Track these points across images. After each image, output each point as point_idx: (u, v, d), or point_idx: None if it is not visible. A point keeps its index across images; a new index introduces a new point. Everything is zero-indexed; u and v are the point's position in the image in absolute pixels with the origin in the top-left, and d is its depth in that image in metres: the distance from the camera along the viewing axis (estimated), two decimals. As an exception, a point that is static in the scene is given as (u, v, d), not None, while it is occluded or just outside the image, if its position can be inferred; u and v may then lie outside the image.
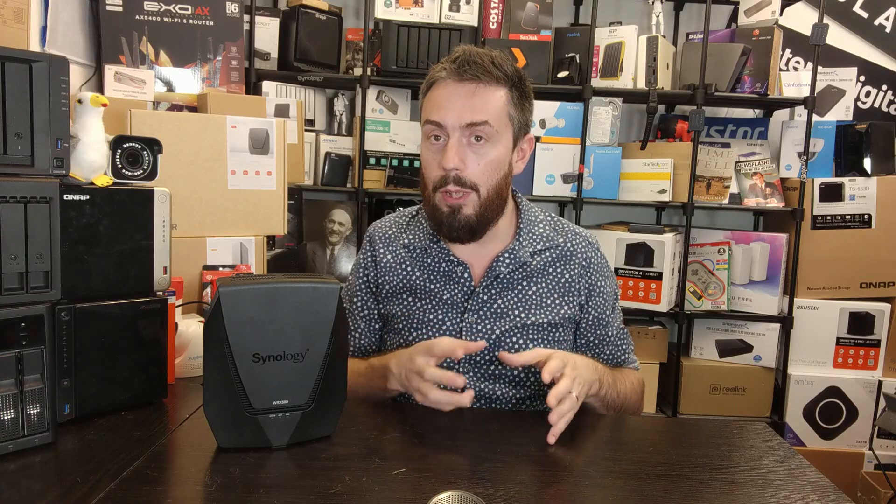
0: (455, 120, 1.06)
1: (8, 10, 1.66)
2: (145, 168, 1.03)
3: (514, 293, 1.14)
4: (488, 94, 1.07)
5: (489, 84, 1.07)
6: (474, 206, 1.08)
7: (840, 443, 2.45)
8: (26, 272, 0.85)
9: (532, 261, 1.15)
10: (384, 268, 1.20)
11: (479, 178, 1.07)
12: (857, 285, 2.44)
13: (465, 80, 1.06)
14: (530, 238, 1.17)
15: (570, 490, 0.80)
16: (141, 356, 1.00)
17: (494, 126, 1.07)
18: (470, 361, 1.12)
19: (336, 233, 2.48)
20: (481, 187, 1.08)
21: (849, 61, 2.66)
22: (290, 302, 0.84)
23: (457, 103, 1.06)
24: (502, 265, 1.14)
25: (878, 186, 2.39)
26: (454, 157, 1.05)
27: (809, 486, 0.83)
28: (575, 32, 2.41)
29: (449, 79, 1.07)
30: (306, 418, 0.88)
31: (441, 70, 1.09)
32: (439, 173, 1.08)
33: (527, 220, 1.19)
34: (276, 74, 2.35)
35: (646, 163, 2.41)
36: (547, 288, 1.15)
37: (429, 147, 1.11)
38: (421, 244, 1.19)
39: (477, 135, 1.06)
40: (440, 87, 1.09)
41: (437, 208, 1.10)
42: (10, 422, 0.82)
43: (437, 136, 1.09)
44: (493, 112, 1.06)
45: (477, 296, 1.13)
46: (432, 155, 1.10)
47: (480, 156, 1.07)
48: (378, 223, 1.27)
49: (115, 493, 0.74)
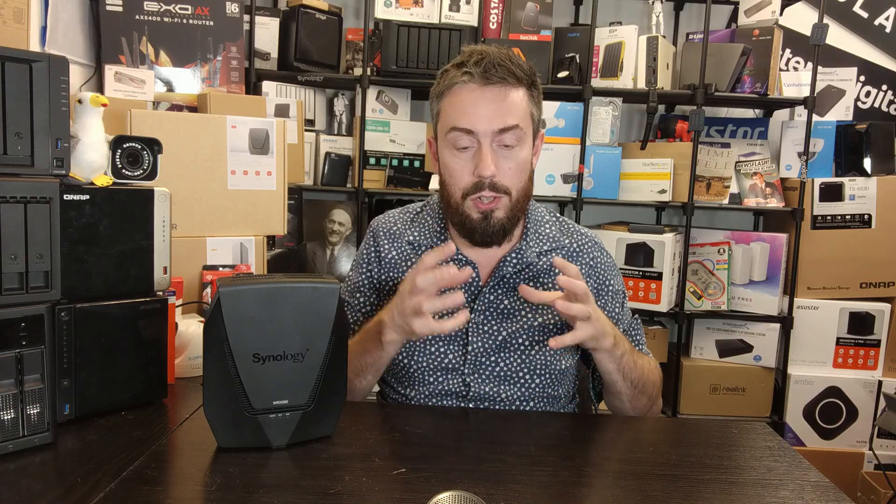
0: (486, 126, 1.03)
1: (8, 10, 1.66)
2: (145, 168, 1.03)
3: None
4: (514, 96, 1.05)
5: (514, 86, 1.05)
6: (506, 210, 1.07)
7: (840, 443, 2.45)
8: (26, 272, 0.85)
9: (538, 261, 1.15)
10: (389, 264, 1.19)
11: (511, 182, 1.06)
12: (857, 285, 2.44)
13: (492, 84, 1.03)
14: (537, 238, 1.16)
15: (570, 490, 0.80)
16: (141, 356, 1.00)
17: (523, 128, 1.05)
18: (474, 363, 1.11)
19: (336, 233, 2.48)
20: (513, 190, 1.07)
21: (849, 61, 2.66)
22: (290, 302, 0.84)
23: (487, 108, 1.03)
24: (509, 265, 1.13)
25: (878, 186, 2.39)
26: (490, 165, 1.03)
27: (809, 486, 0.83)
28: (575, 32, 2.41)
29: (473, 83, 1.04)
30: (306, 418, 0.88)
31: (463, 74, 1.05)
32: (472, 180, 1.06)
33: (534, 220, 1.18)
34: (276, 74, 2.35)
35: (646, 163, 2.41)
36: (553, 288, 1.13)
37: (456, 156, 1.07)
38: (428, 242, 1.17)
39: (506, 139, 1.05)
40: (463, 91, 1.05)
41: (468, 216, 1.08)
42: (10, 422, 0.82)
43: (464, 146, 1.06)
44: (520, 114, 1.05)
45: (484, 296, 1.13)
46: (462, 164, 1.06)
47: (510, 159, 1.06)
48: (381, 218, 1.25)
49: (115, 493, 0.74)
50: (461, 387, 1.11)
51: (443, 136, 1.09)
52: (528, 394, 1.12)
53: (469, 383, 1.11)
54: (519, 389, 1.12)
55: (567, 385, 1.18)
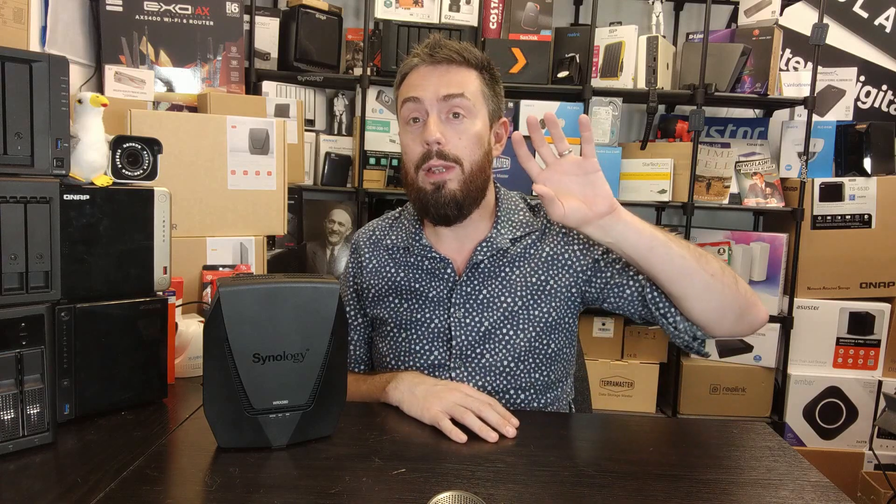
0: (432, 93, 1.07)
1: (8, 10, 1.66)
2: (145, 168, 1.03)
3: (498, 281, 1.13)
4: (462, 72, 1.10)
5: (461, 65, 1.10)
6: (459, 181, 1.08)
7: (840, 443, 2.45)
8: (26, 272, 0.85)
9: (512, 248, 1.14)
10: (369, 272, 1.21)
11: (461, 151, 1.08)
12: (857, 285, 2.44)
13: (438, 62, 1.09)
14: (509, 226, 1.16)
15: (569, 490, 0.80)
16: (141, 356, 1.00)
17: (471, 99, 1.08)
18: (460, 357, 1.11)
19: (336, 233, 2.48)
20: (464, 161, 1.08)
21: (849, 61, 2.66)
22: (290, 302, 0.84)
23: (432, 80, 1.08)
24: (480, 254, 1.13)
25: (878, 186, 2.39)
26: (435, 131, 1.06)
27: (809, 486, 0.83)
28: (575, 32, 2.41)
29: (422, 64, 1.10)
30: (306, 418, 0.88)
31: (413, 58, 1.11)
32: (420, 150, 1.08)
33: (506, 209, 1.18)
34: (276, 74, 2.35)
35: (646, 163, 2.41)
36: (530, 268, 1.14)
37: (408, 131, 1.11)
38: (403, 244, 1.19)
39: (455, 111, 1.08)
40: (414, 72, 1.11)
41: (422, 189, 1.09)
42: (10, 422, 0.82)
43: (415, 119, 1.10)
44: (469, 87, 1.09)
45: (460, 287, 1.13)
46: (412, 137, 1.10)
47: (460, 131, 1.08)
48: (362, 230, 1.28)
49: (115, 493, 0.74)
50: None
51: (399, 114, 1.13)
52: (516, 383, 1.12)
53: (455, 378, 1.11)
54: (505, 378, 1.11)
55: (557, 370, 1.16)
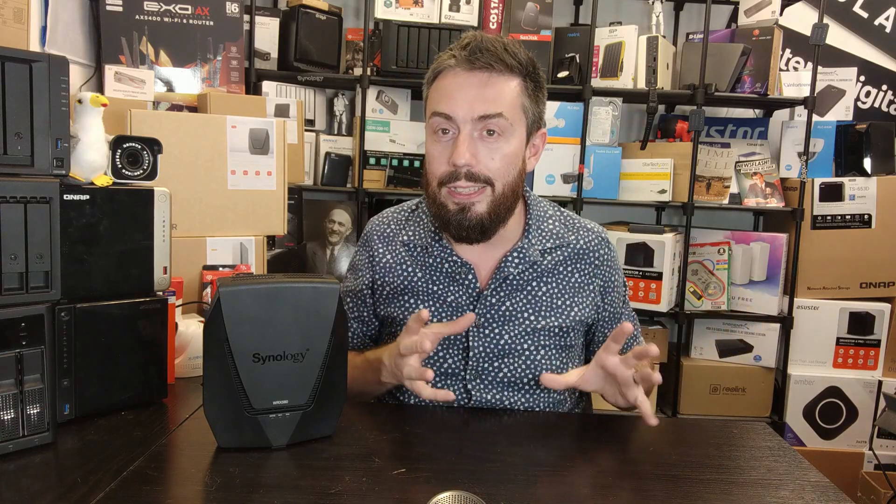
0: (466, 112, 0.98)
1: (8, 10, 1.66)
2: (145, 168, 1.03)
3: (523, 294, 1.08)
4: (501, 83, 0.99)
5: (502, 73, 0.99)
6: (488, 204, 1.01)
7: (840, 443, 2.45)
8: (26, 272, 0.85)
9: (542, 260, 1.09)
10: (383, 268, 1.15)
11: (493, 172, 1.00)
12: (857, 285, 2.44)
13: (477, 69, 0.98)
14: (540, 235, 1.10)
15: (569, 490, 0.80)
16: (141, 356, 1.00)
17: (508, 118, 0.99)
18: (476, 369, 1.08)
19: (336, 233, 2.48)
20: (496, 181, 1.00)
21: (849, 61, 2.66)
22: (290, 302, 0.84)
23: (468, 94, 0.98)
24: (511, 265, 1.07)
25: (878, 186, 2.39)
26: (465, 153, 0.98)
27: (809, 486, 0.83)
28: (575, 32, 2.41)
29: (458, 67, 0.99)
30: (306, 418, 0.88)
31: (450, 58, 1.01)
32: (447, 169, 1.00)
33: (536, 216, 1.12)
34: (276, 74, 2.35)
35: (646, 163, 2.41)
36: (557, 289, 1.10)
37: (436, 141, 1.02)
38: (421, 242, 1.12)
39: (489, 129, 0.99)
40: (448, 76, 1.01)
41: (444, 205, 1.02)
42: (10, 422, 0.82)
43: (444, 130, 1.01)
44: (506, 103, 0.99)
45: (485, 299, 1.07)
46: (440, 150, 1.01)
47: (493, 150, 1.00)
48: (375, 220, 1.21)
49: (115, 493, 0.74)
50: (462, 393, 1.08)
51: (427, 121, 1.05)
52: (534, 400, 1.09)
53: (470, 390, 1.08)
54: (524, 396, 1.08)
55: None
